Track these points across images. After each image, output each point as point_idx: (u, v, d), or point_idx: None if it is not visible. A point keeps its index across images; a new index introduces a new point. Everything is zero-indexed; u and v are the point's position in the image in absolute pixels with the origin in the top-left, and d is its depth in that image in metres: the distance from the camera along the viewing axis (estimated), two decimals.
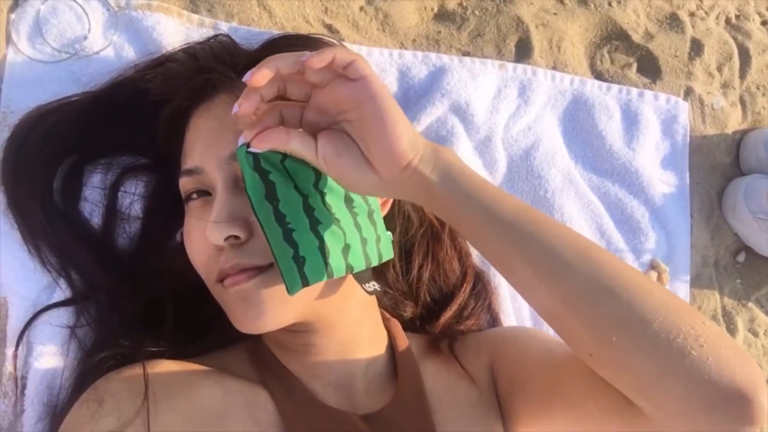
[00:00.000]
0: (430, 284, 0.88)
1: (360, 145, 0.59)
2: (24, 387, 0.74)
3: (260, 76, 0.56)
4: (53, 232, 0.77)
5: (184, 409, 0.65)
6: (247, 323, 0.65)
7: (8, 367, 0.74)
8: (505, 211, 0.59)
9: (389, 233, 0.72)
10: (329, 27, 0.98)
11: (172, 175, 0.72)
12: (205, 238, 0.64)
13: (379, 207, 0.72)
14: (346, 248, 0.64)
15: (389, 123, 0.57)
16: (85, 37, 0.86)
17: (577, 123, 1.07)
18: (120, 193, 0.81)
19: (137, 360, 0.69)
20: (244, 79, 0.57)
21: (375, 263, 0.69)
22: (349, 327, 0.73)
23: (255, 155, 0.60)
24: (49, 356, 0.74)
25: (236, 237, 0.63)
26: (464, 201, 0.59)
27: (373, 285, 0.71)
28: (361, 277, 0.70)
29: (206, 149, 0.67)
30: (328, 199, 0.64)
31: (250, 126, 0.60)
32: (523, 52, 1.08)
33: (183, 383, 0.68)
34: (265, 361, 0.72)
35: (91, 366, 0.73)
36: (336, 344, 0.72)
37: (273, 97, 0.60)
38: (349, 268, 0.65)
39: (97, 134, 0.80)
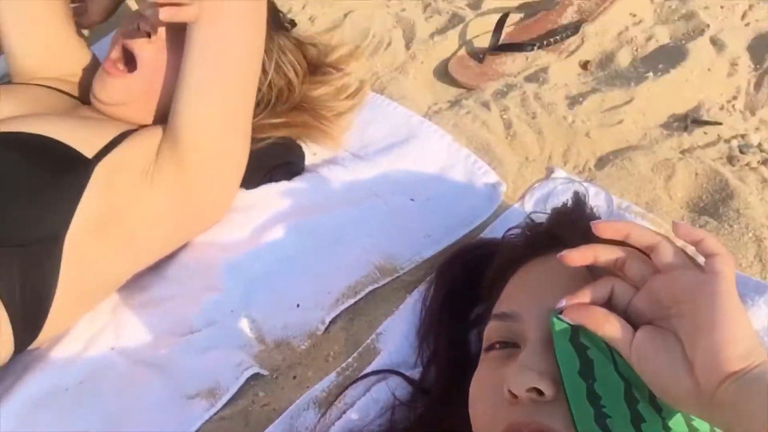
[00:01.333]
0: None
1: (685, 341, 0.52)
2: (338, 418, 0.83)
3: (611, 229, 0.56)
4: (437, 332, 0.86)
5: None
6: None
7: (337, 396, 0.84)
8: None
9: None
10: None
11: None
12: (496, 386, 0.60)
13: None
14: None
15: (725, 320, 0.50)
16: None
17: None
18: None
19: None
20: (593, 222, 0.57)
21: None
22: None
23: (574, 326, 0.57)
24: (370, 408, 0.82)
25: (540, 393, 0.57)
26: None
27: None
28: None
29: (529, 295, 0.65)
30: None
31: (576, 294, 0.58)
32: None
33: None
34: None
35: None
36: None
37: (608, 265, 0.57)
38: None
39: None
